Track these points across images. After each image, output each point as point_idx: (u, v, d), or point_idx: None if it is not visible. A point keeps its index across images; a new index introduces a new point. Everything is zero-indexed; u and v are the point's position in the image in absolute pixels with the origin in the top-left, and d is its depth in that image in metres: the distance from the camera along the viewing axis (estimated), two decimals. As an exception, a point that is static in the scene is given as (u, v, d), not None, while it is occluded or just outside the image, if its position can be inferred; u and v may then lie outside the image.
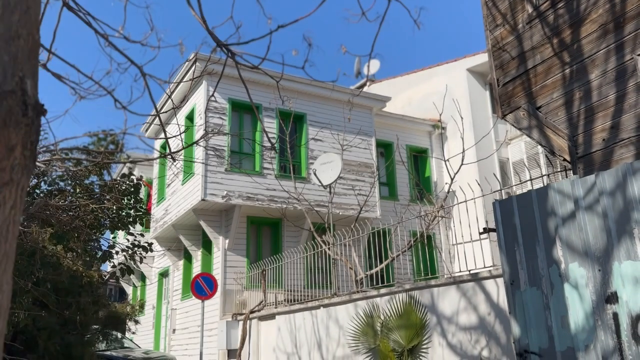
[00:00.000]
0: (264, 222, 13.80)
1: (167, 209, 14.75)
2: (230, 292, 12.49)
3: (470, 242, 7.11)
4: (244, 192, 12.76)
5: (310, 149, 13.95)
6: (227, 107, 13.17)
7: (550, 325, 3.96)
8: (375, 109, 15.46)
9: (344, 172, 14.05)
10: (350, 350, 7.54)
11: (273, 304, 11.11)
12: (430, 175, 17.08)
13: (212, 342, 12.37)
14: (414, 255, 11.80)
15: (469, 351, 5.77)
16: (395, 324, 6.77)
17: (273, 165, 13.35)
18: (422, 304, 6.53)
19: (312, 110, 14.33)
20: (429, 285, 6.44)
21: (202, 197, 12.24)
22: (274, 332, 10.13)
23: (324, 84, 14.42)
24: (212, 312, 12.68)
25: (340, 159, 9.67)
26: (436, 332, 6.28)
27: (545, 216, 4.13)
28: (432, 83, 18.08)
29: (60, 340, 5.62)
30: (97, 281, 6.58)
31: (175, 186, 14.28)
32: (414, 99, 18.72)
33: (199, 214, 12.99)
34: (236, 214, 12.74)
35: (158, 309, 17.37)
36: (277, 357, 9.79)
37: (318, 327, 8.62)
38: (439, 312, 6.27)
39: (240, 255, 13.02)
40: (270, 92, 13.74)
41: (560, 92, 5.32)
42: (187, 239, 14.26)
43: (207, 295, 11.28)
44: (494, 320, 5.54)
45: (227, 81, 13.26)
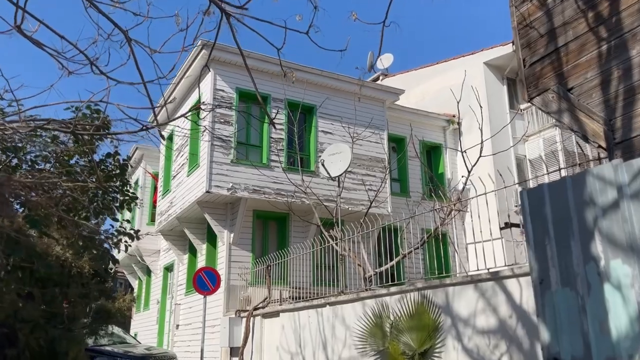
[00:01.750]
0: (271, 217, 13.34)
1: (172, 202, 14.37)
2: (235, 288, 12.05)
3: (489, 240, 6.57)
4: (250, 185, 12.31)
5: (320, 142, 13.47)
6: (235, 97, 12.73)
7: (586, 331, 3.45)
8: (388, 101, 14.93)
9: (354, 166, 13.54)
10: (357, 352, 7.06)
11: (278, 301, 10.65)
12: (444, 172, 16.50)
13: (214, 340, 11.95)
14: (427, 253, 11.26)
15: (487, 357, 5.26)
16: (406, 325, 6.27)
17: (281, 157, 12.89)
18: (436, 304, 6.02)
19: (322, 101, 13.84)
20: (443, 284, 5.93)
21: (206, 188, 11.81)
22: (277, 330, 9.68)
23: (334, 75, 13.94)
24: (216, 308, 12.25)
25: (350, 149, 9.17)
26: (451, 335, 5.77)
27: (582, 206, 3.61)
28: (448, 77, 17.47)
29: (44, 335, 5.22)
30: (88, 272, 6.16)
31: (181, 178, 13.88)
32: (428, 93, 18.15)
33: (204, 207, 12.57)
34: (242, 207, 12.30)
35: (162, 303, 17.01)
36: (281, 356, 9.33)
37: (323, 326, 8.15)
38: (454, 313, 5.76)
39: (245, 250, 12.58)
40: (279, 83, 13.28)
41: (596, 72, 4.78)
42: (192, 233, 13.85)
43: (209, 291, 10.85)
44: (516, 324, 5.02)
45: (234, 69, 12.83)
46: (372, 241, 11.54)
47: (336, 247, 8.97)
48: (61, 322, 5.64)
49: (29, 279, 5.64)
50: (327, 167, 8.86)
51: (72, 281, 6.09)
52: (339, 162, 8.93)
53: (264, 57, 12.92)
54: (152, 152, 18.15)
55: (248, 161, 12.48)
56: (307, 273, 10.69)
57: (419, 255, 10.73)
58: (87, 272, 6.24)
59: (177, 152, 14.67)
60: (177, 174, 14.38)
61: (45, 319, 5.53)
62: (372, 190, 13.75)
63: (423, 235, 8.65)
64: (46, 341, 5.17)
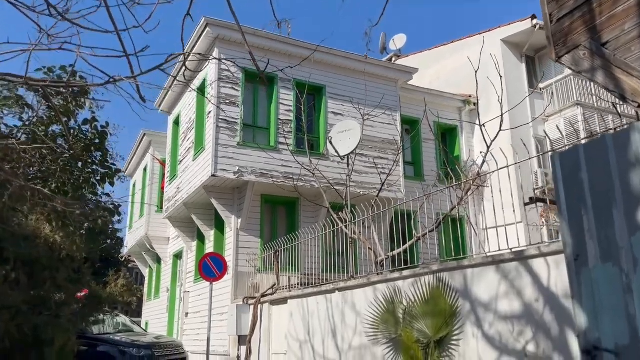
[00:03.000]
0: (279, 201, 12.90)
1: (179, 187, 13.99)
2: (243, 275, 11.66)
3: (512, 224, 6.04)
4: (258, 168, 11.86)
5: (330, 124, 12.94)
6: (241, 77, 12.24)
7: (632, 314, 2.93)
8: (401, 81, 14.32)
9: (365, 149, 13.01)
10: (368, 340, 6.60)
11: (286, 287, 10.23)
12: (459, 155, 15.88)
13: (222, 327, 11.59)
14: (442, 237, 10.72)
15: (511, 344, 4.76)
16: (421, 311, 5.79)
17: (289, 140, 12.40)
18: (453, 288, 5.52)
19: (332, 82, 13.30)
20: (461, 267, 5.42)
21: (212, 172, 11.39)
22: (286, 318, 9.26)
23: (344, 53, 13.37)
24: (224, 296, 11.89)
25: (360, 127, 8.64)
26: (469, 321, 5.27)
27: (626, 168, 3.07)
28: (463, 56, 16.72)
29: (26, 321, 4.84)
30: (79, 256, 5.77)
31: (187, 162, 13.48)
32: (442, 73, 17.47)
33: (210, 192, 12.16)
34: (249, 191, 11.86)
35: (172, 291, 16.72)
36: (289, 344, 8.92)
37: (333, 313, 7.70)
38: (473, 297, 5.25)
39: (253, 235, 12.16)
40: (287, 62, 12.75)
41: (635, 22, 4.19)
42: (199, 219, 13.47)
43: (215, 277, 10.48)
44: (543, 308, 4.50)
45: (240, 48, 12.32)
46: (384, 227, 11.02)
47: (346, 230, 8.49)
48: (48, 308, 5.26)
49: (14, 263, 5.24)
50: (335, 145, 8.34)
51: (62, 265, 5.70)
52: (348, 140, 8.41)
53: (270, 35, 12.39)
54: (160, 138, 17.81)
55: (255, 144, 12.01)
56: (317, 258, 10.23)
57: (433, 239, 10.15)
58: (79, 255, 5.85)
59: (183, 137, 14.26)
60: (183, 158, 13.99)
61: (31, 305, 5.15)
62: (384, 173, 13.21)
63: (438, 219, 8.12)
64: (29, 329, 4.81)
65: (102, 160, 4.20)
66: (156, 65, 2.89)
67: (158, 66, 2.89)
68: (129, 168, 21.49)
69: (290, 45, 12.63)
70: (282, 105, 12.58)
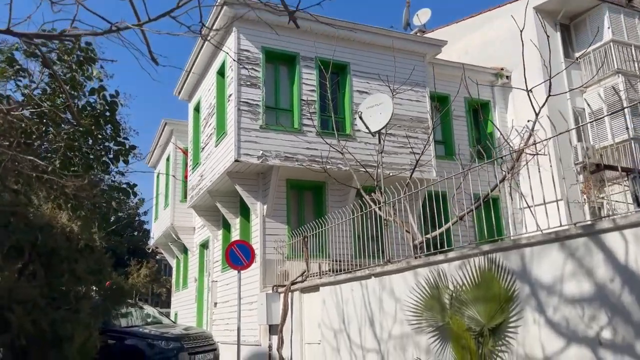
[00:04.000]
0: (305, 186, 12.41)
1: (203, 175, 13.63)
2: (271, 262, 11.25)
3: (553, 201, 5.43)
4: (282, 152, 11.37)
5: (355, 103, 12.35)
6: (261, 57, 11.72)
7: None
8: (429, 55, 13.61)
9: (394, 128, 12.39)
10: (410, 329, 6.08)
11: (317, 274, 9.77)
12: (492, 132, 15.12)
13: (253, 317, 11.23)
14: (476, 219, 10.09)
15: (581, 331, 4.18)
16: (471, 296, 5.24)
17: (313, 121, 11.86)
18: (508, 269, 4.95)
19: (356, 58, 12.67)
20: (517, 245, 4.84)
21: (235, 157, 10.95)
22: (318, 306, 8.81)
23: (368, 28, 12.73)
24: (252, 284, 11.52)
25: (391, 100, 8.04)
26: (529, 306, 4.70)
27: None
28: (493, 27, 15.94)
29: (43, 317, 4.47)
30: (99, 245, 5.39)
31: (210, 149, 13.08)
32: (471, 47, 16.65)
33: (234, 178, 11.74)
34: (274, 176, 11.40)
35: (200, 281, 16.48)
36: (323, 333, 8.47)
37: (369, 300, 7.20)
38: (533, 279, 4.68)
39: (280, 222, 11.72)
40: (309, 39, 12.20)
41: None
42: (224, 207, 13.10)
43: (243, 265, 10.08)
44: (621, 289, 3.92)
45: (260, 27, 11.79)
46: (416, 208, 10.45)
47: (379, 212, 7.95)
48: (67, 302, 4.89)
49: (29, 255, 4.86)
50: (365, 121, 7.77)
51: (81, 256, 5.31)
52: (379, 114, 7.83)
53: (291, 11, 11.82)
54: (181, 127, 17.48)
55: (279, 126, 11.52)
56: (347, 244, 9.71)
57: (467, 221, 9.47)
58: (99, 245, 5.46)
59: (204, 123, 13.85)
60: (205, 145, 13.60)
61: (48, 299, 4.79)
62: (414, 153, 12.59)
63: (478, 197, 7.49)
64: (47, 324, 4.45)
65: (113, 135, 3.77)
66: (166, 11, 2.39)
67: (168, 12, 2.39)
68: (152, 159, 21.30)
69: (313, 21, 12.01)
70: (305, 85, 12.03)
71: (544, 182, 5.55)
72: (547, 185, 5.64)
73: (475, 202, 7.30)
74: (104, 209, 3.67)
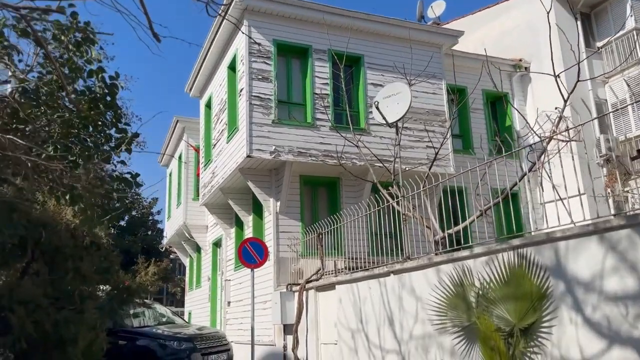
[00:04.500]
0: (319, 182, 12.11)
1: (214, 172, 13.39)
2: (285, 260, 10.97)
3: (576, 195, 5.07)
4: (295, 147, 11.08)
5: (370, 96, 12.01)
6: (272, 50, 11.43)
7: None
8: (445, 46, 13.21)
9: (410, 121, 12.04)
10: (433, 329, 5.75)
11: (332, 272, 9.47)
12: (511, 124, 14.68)
13: (267, 316, 10.97)
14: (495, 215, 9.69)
15: (624, 331, 3.83)
16: (499, 294, 4.90)
17: (327, 115, 11.55)
18: (541, 265, 4.60)
19: (370, 50, 12.33)
20: (551, 239, 4.49)
21: (247, 152, 10.68)
22: (334, 305, 8.50)
23: (383, 19, 12.38)
24: (266, 283, 11.25)
25: (409, 90, 7.70)
26: (565, 305, 4.35)
27: None
28: (510, 17, 15.50)
29: (46, 317, 4.23)
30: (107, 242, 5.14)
31: (221, 145, 12.84)
32: (488, 38, 16.19)
33: (246, 174, 11.47)
34: (287, 172, 11.11)
35: (213, 280, 16.28)
36: (340, 333, 8.17)
37: (388, 298, 6.88)
38: (569, 275, 4.32)
39: (293, 219, 11.43)
40: (321, 32, 11.88)
41: None
42: (236, 204, 12.86)
43: (256, 263, 9.82)
44: (671, 286, 3.55)
45: (271, 19, 11.53)
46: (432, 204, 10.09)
47: (397, 207, 7.62)
48: (71, 302, 4.65)
49: (32, 253, 4.62)
50: (382, 111, 7.43)
51: (87, 254, 5.06)
52: (396, 104, 7.49)
53: (302, 2, 11.54)
54: (193, 125, 17.28)
55: (292, 120, 11.23)
56: (363, 240, 9.39)
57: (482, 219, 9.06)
58: (106, 242, 5.21)
59: (215, 119, 13.61)
60: (217, 141, 13.36)
61: (52, 299, 4.55)
62: (431, 147, 12.23)
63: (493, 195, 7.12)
64: (50, 325, 4.20)
65: (114, 121, 3.47)
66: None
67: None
68: (164, 158, 21.17)
69: (326, 13, 11.73)
70: (318, 78, 11.72)
71: (566, 175, 5.25)
72: (570, 178, 5.32)
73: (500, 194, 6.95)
74: (105, 202, 3.40)
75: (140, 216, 35.02)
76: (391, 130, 11.99)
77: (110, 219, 3.49)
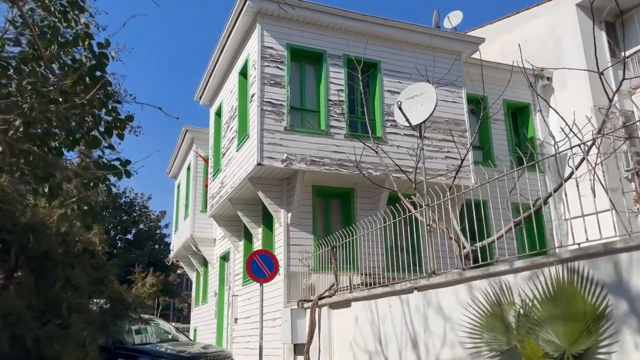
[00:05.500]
0: (332, 193, 11.54)
1: (223, 181, 12.88)
2: (295, 275, 10.36)
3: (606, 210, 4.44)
4: (308, 155, 10.55)
5: (386, 104, 11.50)
6: (286, 55, 10.98)
7: None
8: (465, 54, 12.71)
9: (428, 130, 11.48)
10: (465, 352, 5.11)
11: (347, 288, 8.85)
12: (533, 136, 14.06)
13: (276, 335, 10.32)
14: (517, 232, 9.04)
15: None
16: (545, 314, 4.27)
17: (342, 122, 11.03)
18: (596, 281, 3.98)
19: (387, 57, 11.85)
20: (610, 250, 3.88)
21: (258, 160, 10.16)
22: (350, 323, 7.87)
23: (400, 24, 11.93)
24: (275, 299, 10.62)
25: (434, 90, 7.17)
26: (628, 327, 3.72)
27: None
28: (531, 27, 14.98)
29: (27, 332, 3.68)
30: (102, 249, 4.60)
31: (231, 154, 12.34)
32: (507, 48, 15.65)
33: (257, 183, 10.94)
34: (299, 181, 10.56)
35: (220, 296, 15.66)
36: (355, 355, 7.52)
37: (411, 317, 6.25)
38: (633, 293, 3.70)
39: (305, 231, 10.85)
40: (336, 36, 11.45)
41: None
42: (245, 215, 12.29)
43: (266, 277, 9.23)
44: None
45: (285, 23, 11.11)
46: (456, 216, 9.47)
47: (420, 217, 7.02)
48: (58, 315, 4.10)
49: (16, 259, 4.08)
50: (405, 112, 6.88)
51: (79, 261, 4.52)
52: (420, 106, 6.95)
53: (317, 6, 11.11)
54: (203, 135, 16.83)
55: (305, 127, 10.73)
56: (380, 255, 8.76)
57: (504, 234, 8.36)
58: (101, 248, 4.67)
59: (226, 127, 13.15)
60: (226, 150, 12.87)
61: (37, 311, 4.00)
62: (450, 158, 11.67)
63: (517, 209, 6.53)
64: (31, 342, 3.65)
65: (104, 99, 2.92)
66: None
67: None
68: (173, 169, 20.75)
69: (341, 17, 11.28)
70: (333, 84, 11.24)
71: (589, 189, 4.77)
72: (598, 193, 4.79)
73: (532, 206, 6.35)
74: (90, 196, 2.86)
75: (147, 229, 34.56)
76: (408, 140, 11.46)
77: (94, 216, 2.95)
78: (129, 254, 27.93)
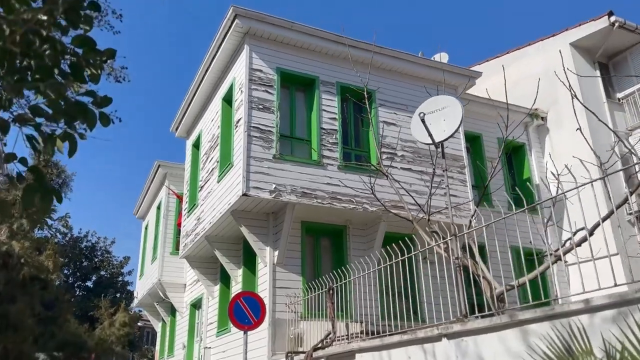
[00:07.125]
0: (323, 230, 10.46)
1: (200, 217, 11.65)
2: (282, 322, 9.09)
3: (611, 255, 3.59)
4: (299, 187, 9.54)
5: (382, 135, 10.69)
6: (275, 79, 10.15)
7: None
8: (461, 88, 12.15)
9: (425, 165, 10.73)
10: (526, 418, 4.00)
11: (345, 337, 7.66)
12: (530, 177, 13.45)
13: (257, 394, 8.91)
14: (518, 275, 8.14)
15: None
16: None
17: (335, 153, 10.14)
18: None
19: (382, 86, 11.16)
20: None
21: (243, 190, 9.08)
22: (353, 380, 6.63)
23: (397, 53, 11.33)
24: (257, 351, 9.24)
25: (460, 103, 6.36)
26: None
27: None
28: (524, 65, 14.69)
29: None
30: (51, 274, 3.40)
31: (211, 186, 11.20)
32: (499, 87, 15.25)
33: (240, 217, 9.78)
34: (288, 215, 9.48)
35: (190, 348, 14.03)
36: (360, 419, 6.26)
37: (438, 372, 5.11)
38: None
39: (294, 272, 9.67)
40: (329, 62, 10.74)
41: None
42: (224, 255, 11.02)
43: (251, 325, 7.93)
44: None
45: (275, 46, 10.34)
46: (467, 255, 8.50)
47: (442, 253, 6.02)
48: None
49: None
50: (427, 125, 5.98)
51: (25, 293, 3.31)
52: (442, 121, 6.11)
53: (310, 29, 10.43)
54: (176, 171, 15.63)
55: (295, 157, 9.77)
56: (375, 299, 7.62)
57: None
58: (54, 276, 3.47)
59: (204, 158, 12.05)
60: (205, 182, 11.72)
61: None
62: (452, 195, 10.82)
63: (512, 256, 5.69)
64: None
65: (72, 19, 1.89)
66: None
67: None
68: (141, 209, 19.29)
69: (333, 42, 10.61)
70: (325, 112, 10.40)
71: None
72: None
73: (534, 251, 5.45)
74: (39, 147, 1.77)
75: (109, 276, 32.28)
76: (407, 174, 10.64)
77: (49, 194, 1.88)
78: (88, 302, 25.69)
